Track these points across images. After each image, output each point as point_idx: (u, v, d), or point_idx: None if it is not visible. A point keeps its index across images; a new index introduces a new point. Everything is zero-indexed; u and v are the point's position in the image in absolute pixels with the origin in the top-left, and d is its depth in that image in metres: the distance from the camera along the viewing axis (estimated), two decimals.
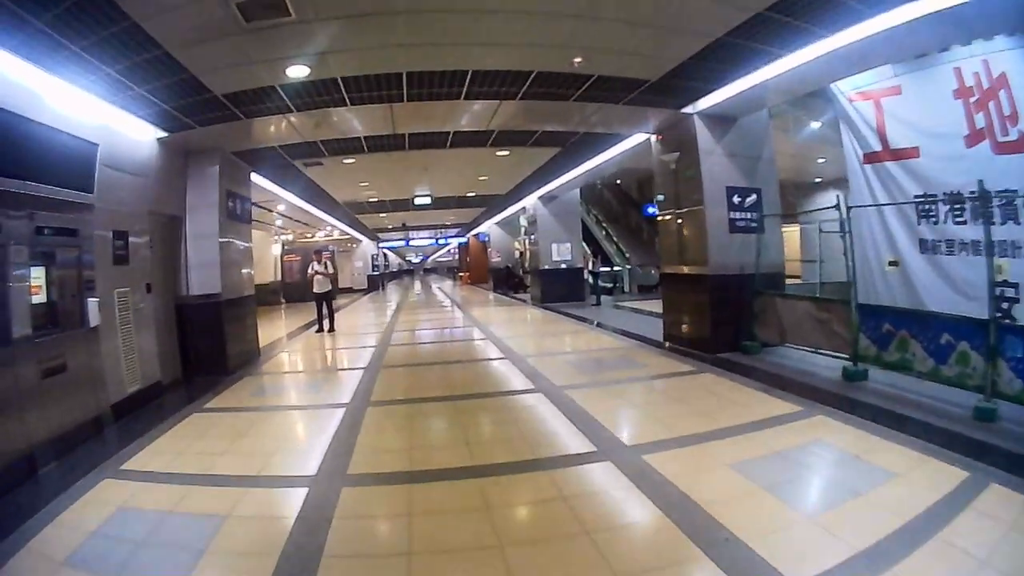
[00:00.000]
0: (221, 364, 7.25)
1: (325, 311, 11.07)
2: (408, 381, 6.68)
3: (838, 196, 5.66)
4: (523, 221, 24.80)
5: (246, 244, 8.29)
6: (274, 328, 12.57)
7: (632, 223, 23.80)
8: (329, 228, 24.71)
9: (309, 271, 11.03)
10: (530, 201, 15.62)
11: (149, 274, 6.11)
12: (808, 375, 5.42)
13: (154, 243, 6.40)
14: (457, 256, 45.42)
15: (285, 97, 5.62)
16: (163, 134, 6.36)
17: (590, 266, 14.42)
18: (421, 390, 6.13)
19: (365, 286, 30.21)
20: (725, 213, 7.00)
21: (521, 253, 24.35)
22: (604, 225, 22.19)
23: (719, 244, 6.91)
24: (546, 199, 15.11)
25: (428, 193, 15.56)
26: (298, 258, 24.85)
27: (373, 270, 31.74)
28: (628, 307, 13.26)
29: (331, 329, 11.05)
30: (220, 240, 7.33)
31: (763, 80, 5.64)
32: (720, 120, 7.06)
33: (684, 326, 7.38)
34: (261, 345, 9.48)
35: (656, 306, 13.63)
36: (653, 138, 7.88)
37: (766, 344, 6.63)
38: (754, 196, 7.22)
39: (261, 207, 16.66)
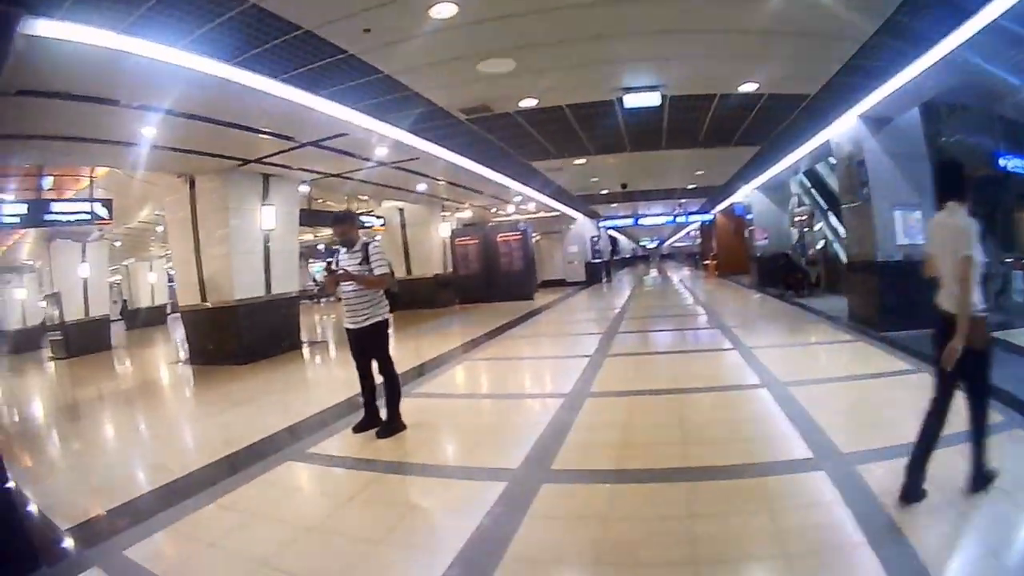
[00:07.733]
0: None
1: (379, 376, 4.47)
2: None
3: None
4: (795, 188, 16.09)
5: None
6: (314, 392, 6.83)
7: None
8: (520, 198, 17.30)
9: (323, 270, 4.02)
10: (843, 127, 8.01)
11: None
12: None
13: None
14: (699, 240, 36.79)
15: None
16: None
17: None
18: None
19: (583, 277, 24.55)
20: None
21: (802, 232, 15.96)
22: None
23: None
24: (874, 123, 7.44)
25: (654, 83, 6.74)
26: (475, 241, 19.34)
27: (594, 257, 25.81)
28: None
29: (389, 428, 4.30)
30: None
31: None
32: None
33: None
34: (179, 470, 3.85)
35: None
36: None
37: None
38: None
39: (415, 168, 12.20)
